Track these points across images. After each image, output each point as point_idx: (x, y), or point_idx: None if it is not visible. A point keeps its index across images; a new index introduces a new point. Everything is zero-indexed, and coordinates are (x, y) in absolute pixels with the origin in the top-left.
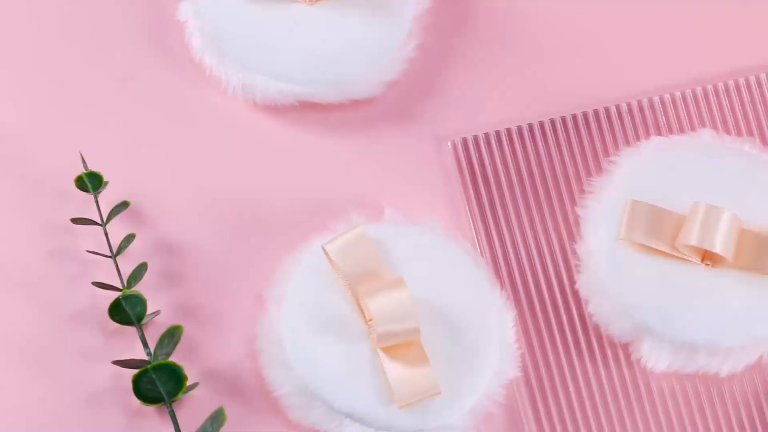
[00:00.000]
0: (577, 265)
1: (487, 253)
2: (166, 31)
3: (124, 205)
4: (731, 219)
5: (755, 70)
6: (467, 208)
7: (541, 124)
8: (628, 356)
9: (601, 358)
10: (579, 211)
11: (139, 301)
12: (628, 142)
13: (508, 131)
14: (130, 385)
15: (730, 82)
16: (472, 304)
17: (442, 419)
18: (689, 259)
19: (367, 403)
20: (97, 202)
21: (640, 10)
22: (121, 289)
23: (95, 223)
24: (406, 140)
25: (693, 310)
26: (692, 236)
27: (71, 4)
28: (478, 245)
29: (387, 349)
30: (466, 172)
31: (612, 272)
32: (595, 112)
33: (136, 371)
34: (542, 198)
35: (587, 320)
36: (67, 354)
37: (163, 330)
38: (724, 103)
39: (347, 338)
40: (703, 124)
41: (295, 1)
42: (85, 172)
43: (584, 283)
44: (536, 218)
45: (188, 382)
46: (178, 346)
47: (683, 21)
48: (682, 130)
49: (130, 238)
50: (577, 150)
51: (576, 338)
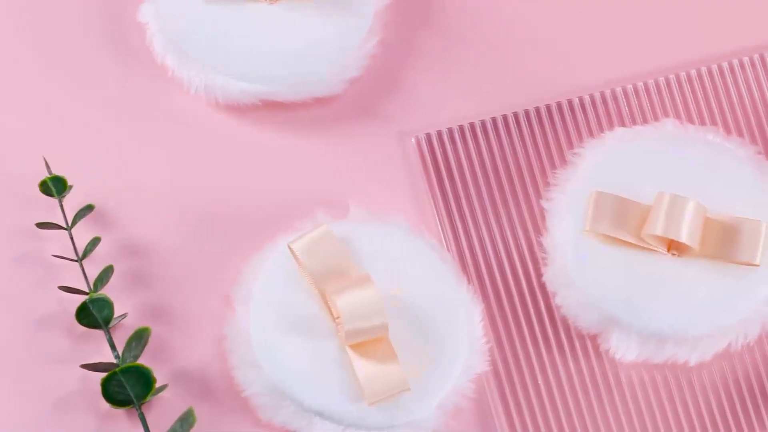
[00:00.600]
0: (543, 258)
1: (454, 248)
2: (127, 34)
3: (89, 209)
4: (696, 208)
5: (717, 59)
6: (432, 203)
7: (505, 118)
8: (596, 347)
9: (569, 350)
10: (544, 203)
11: (106, 304)
12: (591, 134)
13: (472, 126)
14: (99, 389)
15: (693, 72)
16: (440, 299)
17: (412, 415)
18: (655, 249)
19: (337, 401)
20: (61, 206)
21: (601, 2)
22: (87, 293)
23: (60, 227)
24: (370, 137)
25: (660, 300)
26: (657, 226)
27: (31, 10)
28: (444, 240)
29: (355, 347)
30: (431, 168)
31: (578, 264)
32: (558, 105)
33: (104, 374)
34: (507, 191)
35: (555, 313)
36: (35, 359)
37: (131, 332)
38: (687, 92)
39: (315, 336)
40: (666, 114)
41: (256, 0)
42: (49, 176)
43: (551, 276)
44: (502, 212)
45: (157, 384)
46: (147, 348)
47: (644, 12)
48: (645, 121)
49: (95, 242)
50: (541, 143)
51: (544, 331)
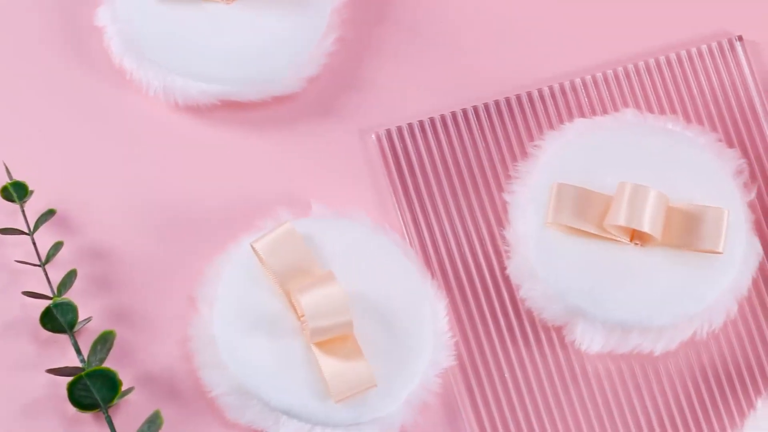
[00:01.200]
0: (506, 251)
1: (417, 243)
2: (85, 37)
3: (51, 213)
4: (658, 197)
5: (676, 48)
6: (394, 199)
7: (464, 112)
8: (561, 339)
9: (535, 343)
10: (506, 196)
11: (71, 309)
12: (551, 126)
13: (432, 120)
14: (66, 393)
15: (651, 61)
16: (404, 294)
17: (379, 411)
18: (618, 239)
19: (304, 399)
20: (23, 212)
21: None
22: (51, 298)
23: (22, 233)
24: (330, 134)
25: (624, 290)
26: (620, 216)
27: None
28: (407, 236)
29: (321, 344)
30: (392, 164)
31: (541, 256)
32: (518, 97)
33: (70, 379)
34: (469, 185)
35: (519, 305)
36: (0, 365)
37: (96, 336)
38: (646, 81)
39: (280, 335)
40: (626, 104)
41: (212, 0)
42: (10, 182)
43: (514, 269)
44: (464, 206)
45: (123, 387)
46: (112, 352)
47: (601, 3)
48: (605, 111)
49: (58, 246)
50: (501, 136)
51: (509, 324)
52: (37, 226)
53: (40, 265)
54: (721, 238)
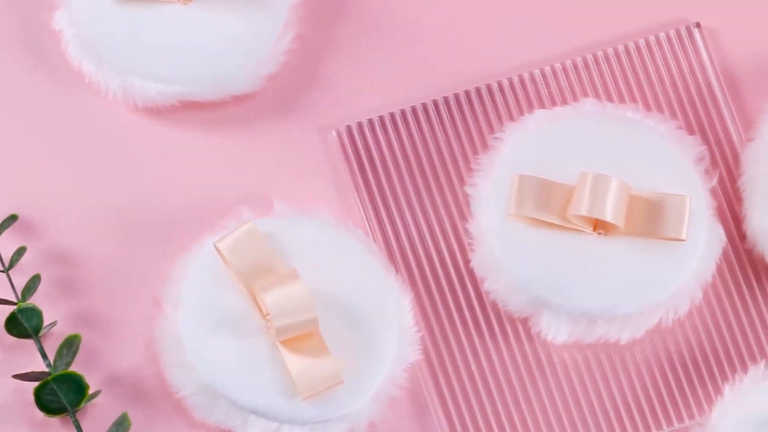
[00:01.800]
0: (469, 244)
1: (380, 239)
2: (42, 41)
3: (13, 219)
4: (620, 186)
5: (634, 36)
6: (356, 195)
7: (424, 106)
8: (527, 330)
9: (501, 335)
10: (468, 189)
11: (35, 313)
12: (511, 117)
13: (392, 116)
14: (33, 398)
15: (610, 50)
16: (369, 290)
17: (347, 408)
18: (581, 229)
19: (271, 398)
20: None
21: None
22: (16, 303)
23: None
24: (291, 132)
25: (588, 280)
26: (582, 206)
27: None
28: (370, 231)
29: (286, 342)
30: (353, 160)
31: (504, 248)
32: (477, 90)
33: (37, 384)
34: (431, 179)
35: (484, 298)
36: None
37: (61, 340)
38: (605, 71)
39: (246, 334)
40: (585, 94)
41: (169, 1)
42: None
43: (478, 262)
44: (426, 200)
45: (90, 391)
46: (78, 355)
47: None
48: (564, 101)
49: (21, 251)
50: (461, 129)
51: (474, 316)
52: None
53: (3, 271)
54: (684, 225)
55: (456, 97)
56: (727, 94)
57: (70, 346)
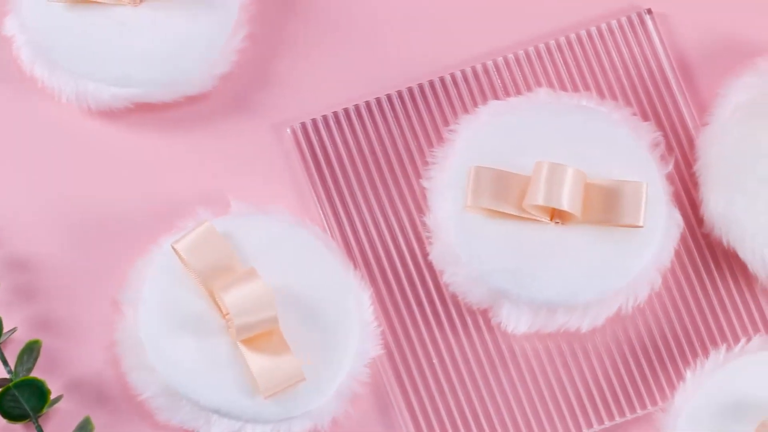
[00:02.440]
0: (427, 237)
1: (338, 235)
2: None
3: None
4: (575, 175)
5: (586, 24)
6: (313, 192)
7: (378, 101)
8: (488, 322)
9: (461, 327)
10: (424, 183)
11: None
12: (466, 110)
13: (346, 111)
14: None
15: (562, 39)
16: (328, 287)
17: (309, 405)
18: (538, 219)
19: (233, 397)
20: None
21: None
22: None
23: None
24: (246, 131)
25: (547, 269)
26: (538, 196)
27: None
28: (327, 228)
29: (247, 341)
30: (308, 157)
31: (462, 240)
32: (431, 83)
33: None
34: (387, 174)
35: (444, 291)
36: None
37: (22, 346)
38: (558, 60)
39: (206, 334)
40: (539, 83)
41: (119, 3)
42: None
43: (437, 254)
44: (383, 195)
45: (52, 396)
46: (39, 361)
47: None
48: (518, 92)
49: None
50: (416, 122)
51: (435, 310)
52: None
53: None
54: (641, 211)
55: (409, 90)
56: (681, 80)
57: (31, 351)
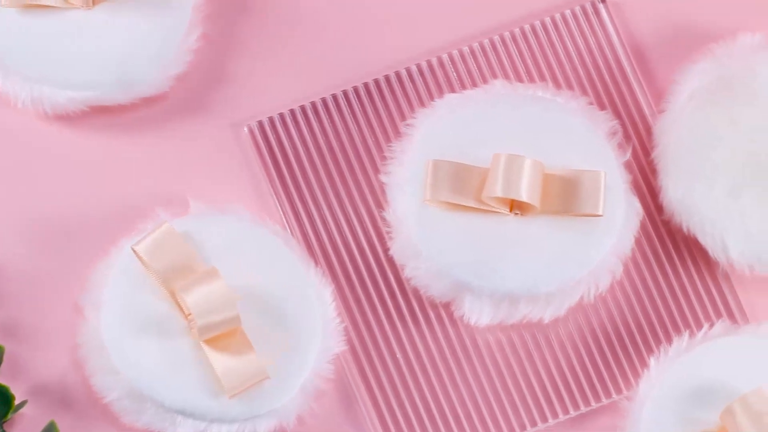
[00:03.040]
0: (388, 232)
1: (298, 232)
2: None
3: None
4: (533, 166)
5: (540, 15)
6: (272, 190)
7: (335, 97)
8: (450, 315)
9: (424, 321)
10: (383, 178)
11: None
12: (422, 103)
13: (303, 109)
14: None
15: (517, 30)
16: (289, 284)
17: (274, 403)
18: (498, 211)
19: (198, 398)
20: None
21: None
22: None
23: None
24: (203, 131)
25: (508, 261)
26: (497, 188)
27: None
28: (287, 225)
29: (210, 341)
30: (266, 155)
31: (422, 234)
32: (387, 78)
33: None
34: (345, 170)
35: (405, 285)
36: None
37: None
38: (513, 51)
39: (169, 336)
40: (494, 75)
41: (72, 7)
42: None
43: (397, 249)
44: (342, 191)
45: (16, 401)
46: (2, 367)
47: None
48: (474, 84)
49: None
50: (373, 118)
51: (397, 304)
52: None
53: None
54: (600, 200)
55: (366, 86)
56: (636, 68)
57: None
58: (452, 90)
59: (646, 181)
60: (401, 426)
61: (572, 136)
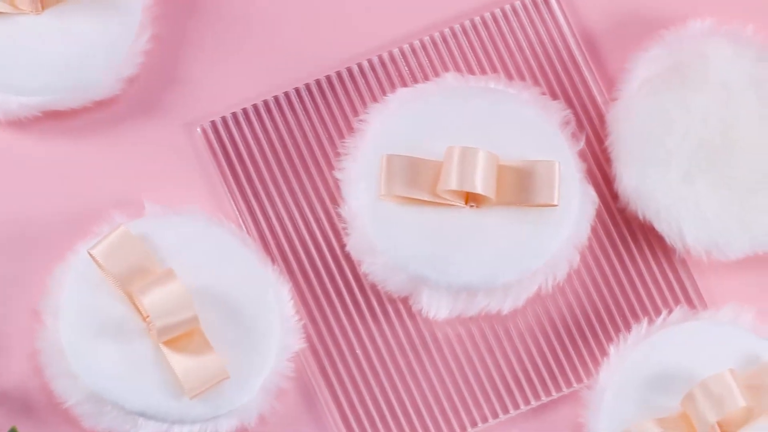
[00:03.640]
0: (344, 228)
1: (254, 231)
2: None
3: None
4: (487, 157)
5: (489, 7)
6: (227, 189)
7: (287, 95)
8: (409, 309)
9: (383, 316)
10: (337, 174)
11: None
12: (375, 99)
13: (255, 107)
14: None
15: (467, 23)
16: (247, 283)
17: (235, 402)
18: (453, 203)
19: (158, 399)
20: None
21: None
22: None
23: None
24: (157, 132)
25: (464, 253)
26: (451, 181)
27: None
28: (243, 224)
29: (169, 343)
30: (220, 155)
31: (378, 229)
32: (338, 74)
33: None
34: (299, 167)
35: (363, 281)
36: None
37: None
38: (464, 44)
39: (128, 338)
40: (446, 68)
41: (21, 13)
42: None
43: (354, 245)
44: (297, 188)
45: None
46: None
47: None
48: (426, 78)
49: None
50: (326, 114)
51: (355, 300)
52: None
53: None
54: (555, 190)
55: (317, 83)
56: (588, 56)
57: None
58: (404, 84)
59: (600, 170)
60: (363, 422)
61: (525, 126)
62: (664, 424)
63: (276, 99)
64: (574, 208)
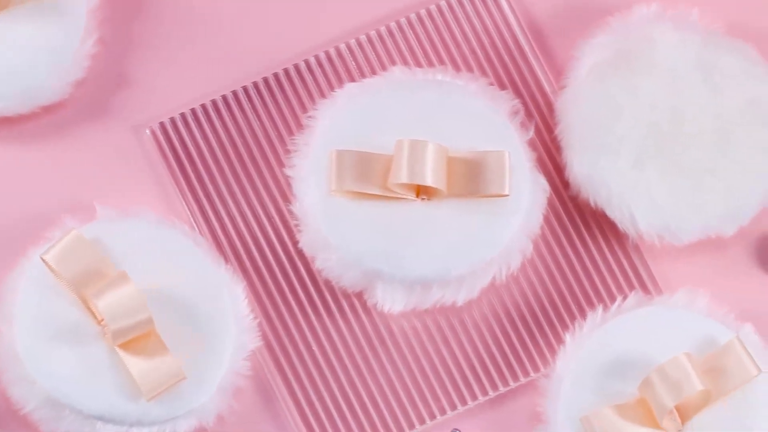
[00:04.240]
0: (296, 225)
1: (206, 231)
2: None
3: None
4: (437, 150)
5: (435, 0)
6: (178, 190)
7: (235, 94)
8: (363, 304)
9: (338, 312)
10: (288, 171)
11: None
12: (323, 95)
13: (203, 107)
14: None
15: (413, 16)
16: (200, 283)
17: (193, 402)
18: (404, 197)
19: (116, 402)
20: None
21: None
22: None
23: None
24: (106, 136)
25: (417, 246)
26: (402, 174)
27: None
28: (195, 225)
29: (124, 345)
30: (170, 156)
31: (330, 225)
32: (286, 71)
33: None
34: (250, 166)
35: (317, 277)
36: None
37: None
38: (410, 37)
39: (83, 342)
40: (393, 62)
41: None
42: None
43: (307, 241)
44: (248, 187)
45: None
46: None
47: None
48: (373, 72)
49: None
50: (275, 112)
51: (310, 297)
52: None
53: None
54: (505, 180)
55: (265, 80)
56: (534, 45)
57: None
58: (352, 79)
59: (551, 158)
60: (321, 418)
61: (474, 117)
62: (622, 411)
63: (224, 98)
64: (526, 197)
